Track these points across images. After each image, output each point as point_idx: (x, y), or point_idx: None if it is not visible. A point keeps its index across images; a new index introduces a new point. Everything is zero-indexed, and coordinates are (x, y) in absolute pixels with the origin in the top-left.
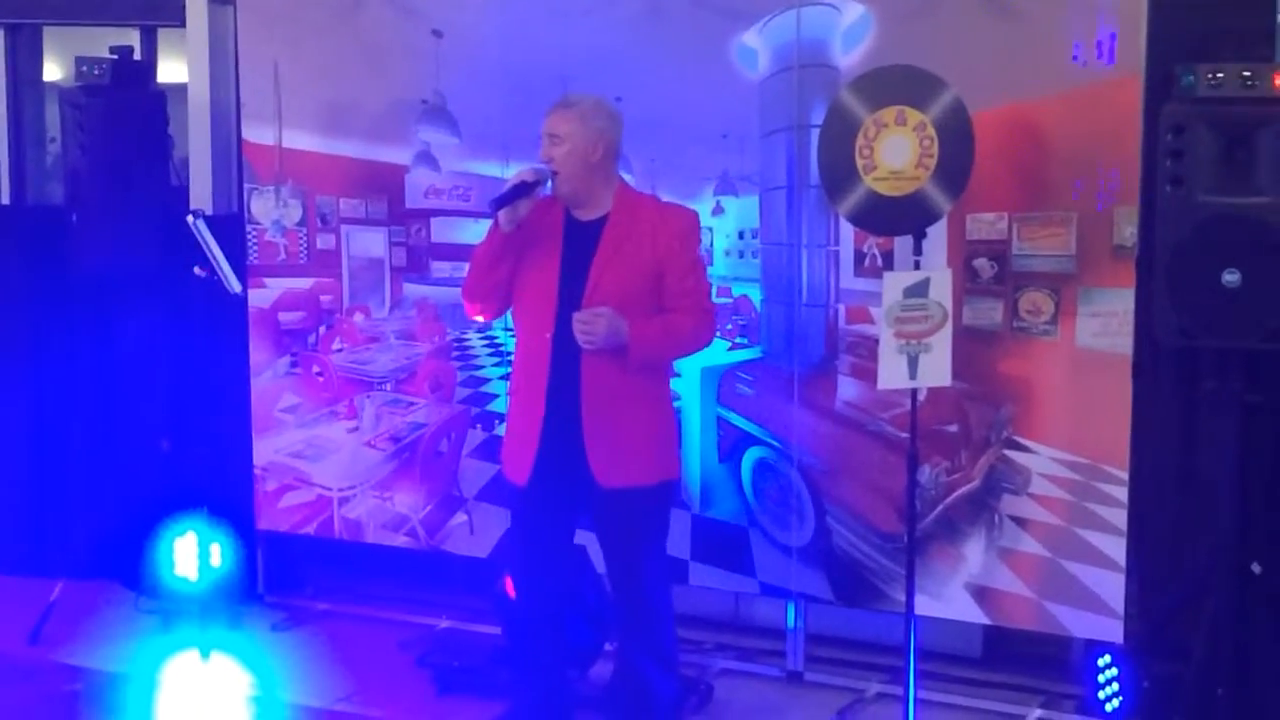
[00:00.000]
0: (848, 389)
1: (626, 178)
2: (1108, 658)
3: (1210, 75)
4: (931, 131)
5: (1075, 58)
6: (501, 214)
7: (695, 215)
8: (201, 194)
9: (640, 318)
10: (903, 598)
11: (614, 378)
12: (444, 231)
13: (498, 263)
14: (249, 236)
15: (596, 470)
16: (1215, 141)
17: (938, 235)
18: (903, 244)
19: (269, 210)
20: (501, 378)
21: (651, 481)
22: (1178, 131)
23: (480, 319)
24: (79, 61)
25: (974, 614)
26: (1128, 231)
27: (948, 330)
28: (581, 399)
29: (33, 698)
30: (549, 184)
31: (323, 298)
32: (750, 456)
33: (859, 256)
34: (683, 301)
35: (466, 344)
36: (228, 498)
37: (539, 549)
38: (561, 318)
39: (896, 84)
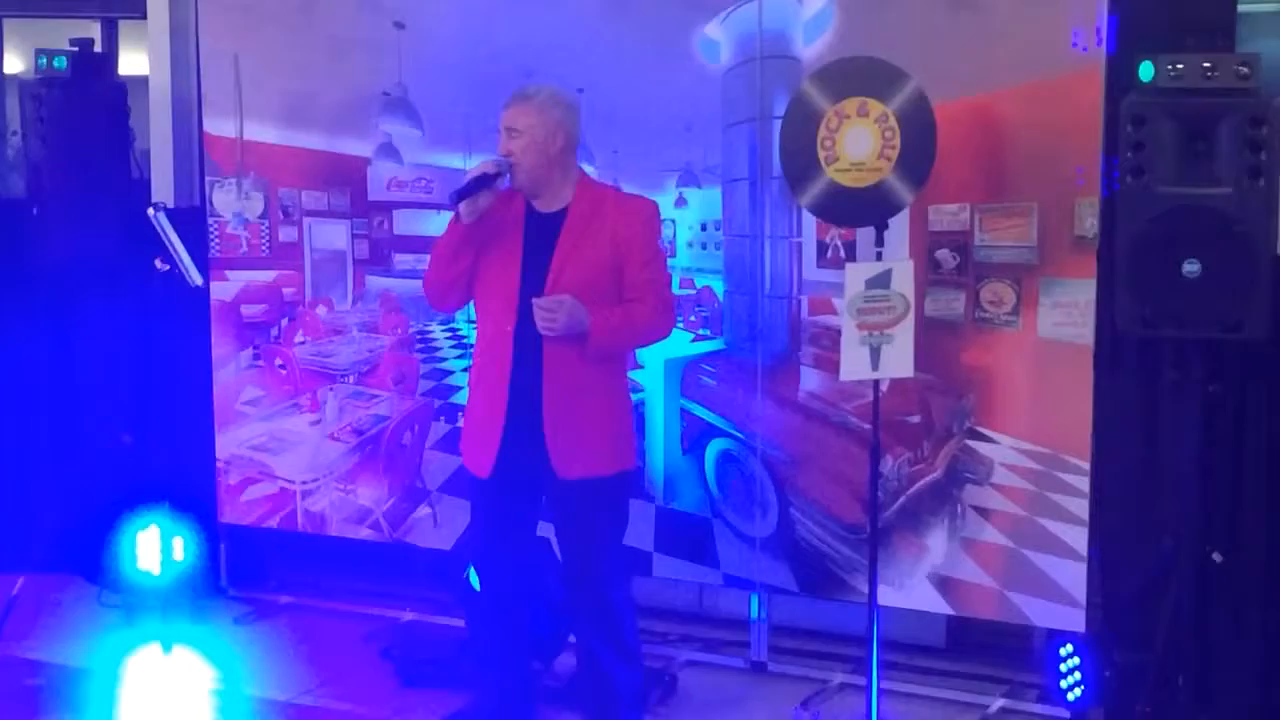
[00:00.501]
0: (810, 380)
1: (589, 169)
2: (1069, 647)
3: (1170, 66)
4: (894, 123)
5: (1075, 44)
6: (462, 206)
7: (655, 205)
8: (163, 186)
9: (601, 308)
10: (866, 588)
11: (575, 368)
12: (406, 224)
13: (458, 254)
14: (211, 229)
15: (556, 461)
16: (1176, 132)
17: (900, 226)
18: (865, 235)
19: (231, 203)
20: (464, 370)
21: (609, 472)
22: (1138, 123)
23: (442, 311)
24: (39, 53)
25: (937, 604)
26: (1089, 222)
27: (910, 321)
28: (543, 390)
29: None
30: (509, 176)
31: (285, 290)
32: (714, 448)
33: (821, 248)
34: (643, 292)
35: (429, 336)
36: (190, 491)
37: (501, 541)
38: (523, 310)
39: (858, 75)
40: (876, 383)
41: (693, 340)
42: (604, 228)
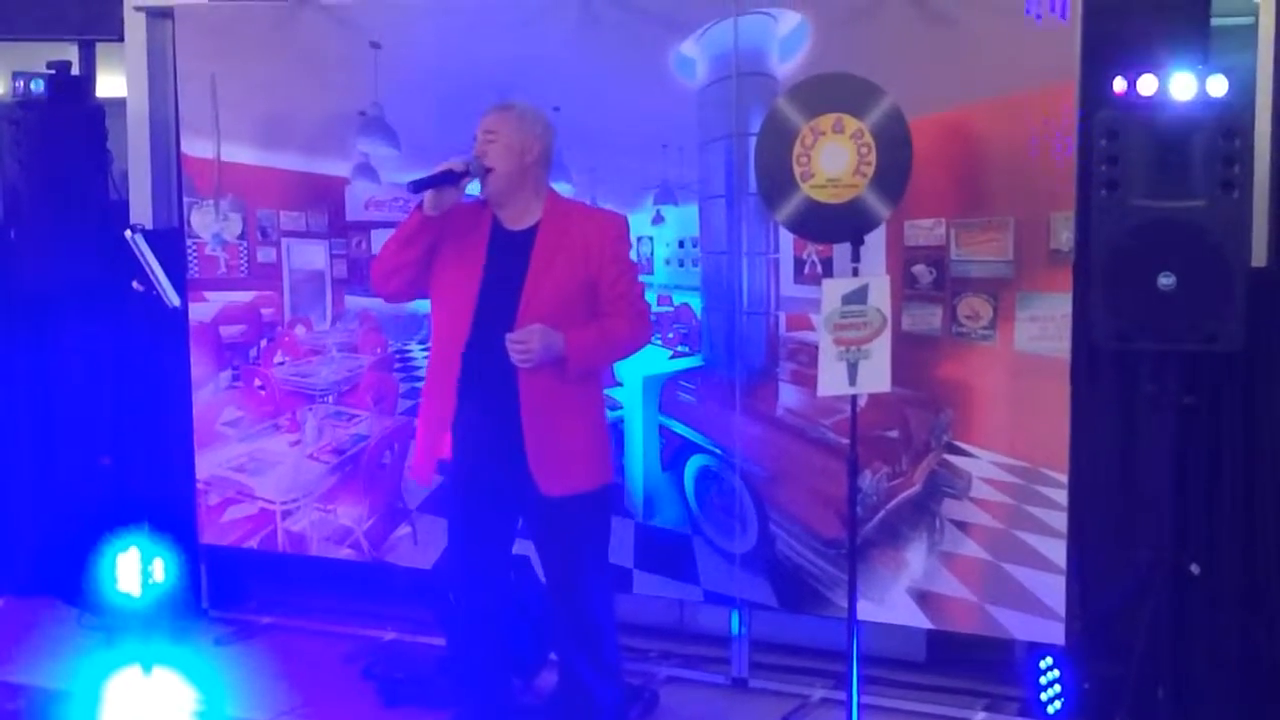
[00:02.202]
0: (789, 396)
1: (567, 188)
2: (1049, 660)
3: (1144, 80)
4: (869, 139)
5: (1029, 11)
6: (426, 197)
7: (624, 219)
8: (141, 208)
9: (576, 326)
10: (845, 603)
11: (552, 387)
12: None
13: (412, 241)
14: (189, 250)
15: (539, 479)
16: (1149, 146)
17: (876, 242)
18: (841, 251)
19: (209, 224)
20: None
21: (592, 487)
22: (1112, 136)
23: (383, 296)
24: (15, 76)
25: (917, 618)
26: (1064, 236)
27: (887, 336)
28: (520, 409)
29: None
30: (478, 181)
31: (264, 311)
32: (693, 464)
33: (799, 264)
34: (617, 305)
35: (409, 356)
36: (170, 512)
37: (478, 560)
38: (479, 324)
39: (834, 91)
40: (854, 398)
41: (671, 357)
42: (575, 244)
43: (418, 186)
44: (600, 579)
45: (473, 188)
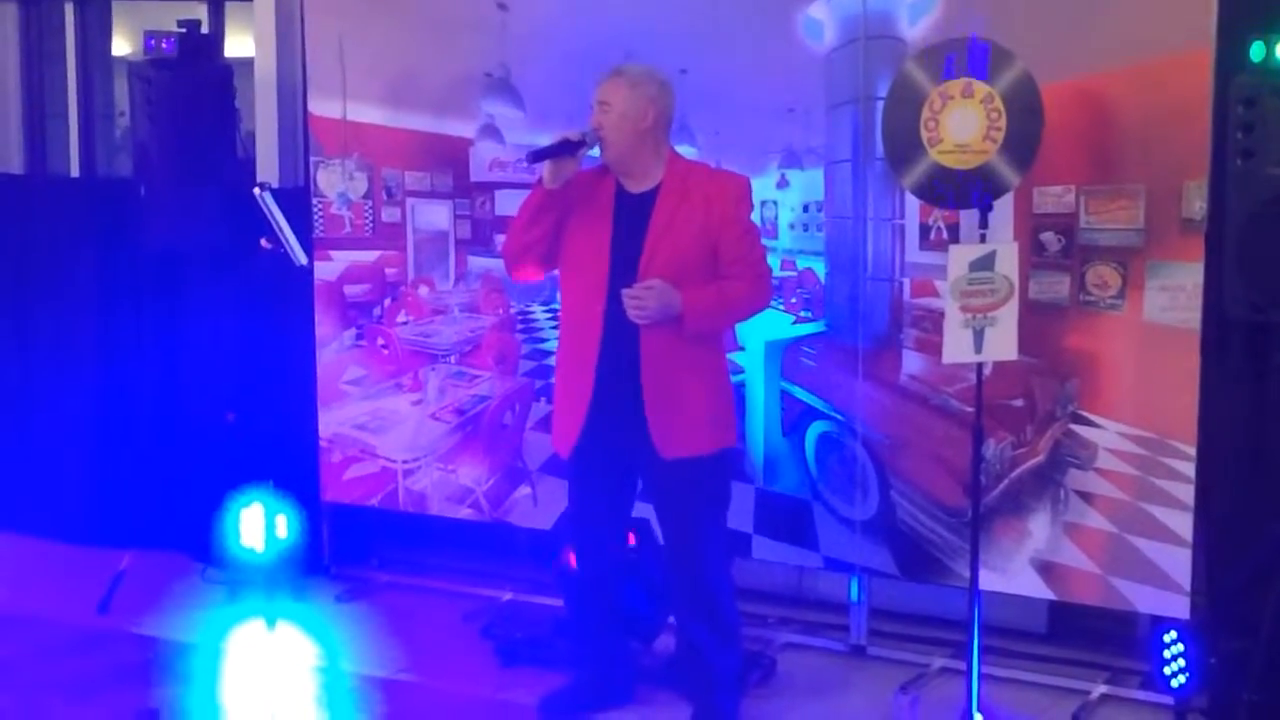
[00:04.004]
0: (912, 363)
1: (691, 151)
2: (1174, 634)
3: None
4: (999, 104)
5: None
6: (545, 169)
7: (745, 180)
8: (268, 167)
9: (695, 286)
10: (967, 573)
11: (672, 348)
12: (508, 204)
13: (537, 219)
14: (314, 209)
15: (658, 441)
16: None
17: (1004, 208)
18: (968, 217)
19: (335, 183)
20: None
21: (711, 450)
22: (1248, 104)
23: (517, 278)
24: (147, 36)
25: (1039, 589)
26: (1197, 205)
27: (1014, 304)
28: (641, 371)
29: (101, 667)
30: (596, 148)
31: (388, 270)
32: (814, 430)
33: (924, 230)
34: (737, 267)
35: (530, 316)
36: (293, 469)
37: (597, 522)
38: (613, 291)
39: (964, 56)
40: (979, 366)
41: (794, 322)
42: (696, 206)
43: (536, 157)
44: (718, 544)
45: (596, 153)
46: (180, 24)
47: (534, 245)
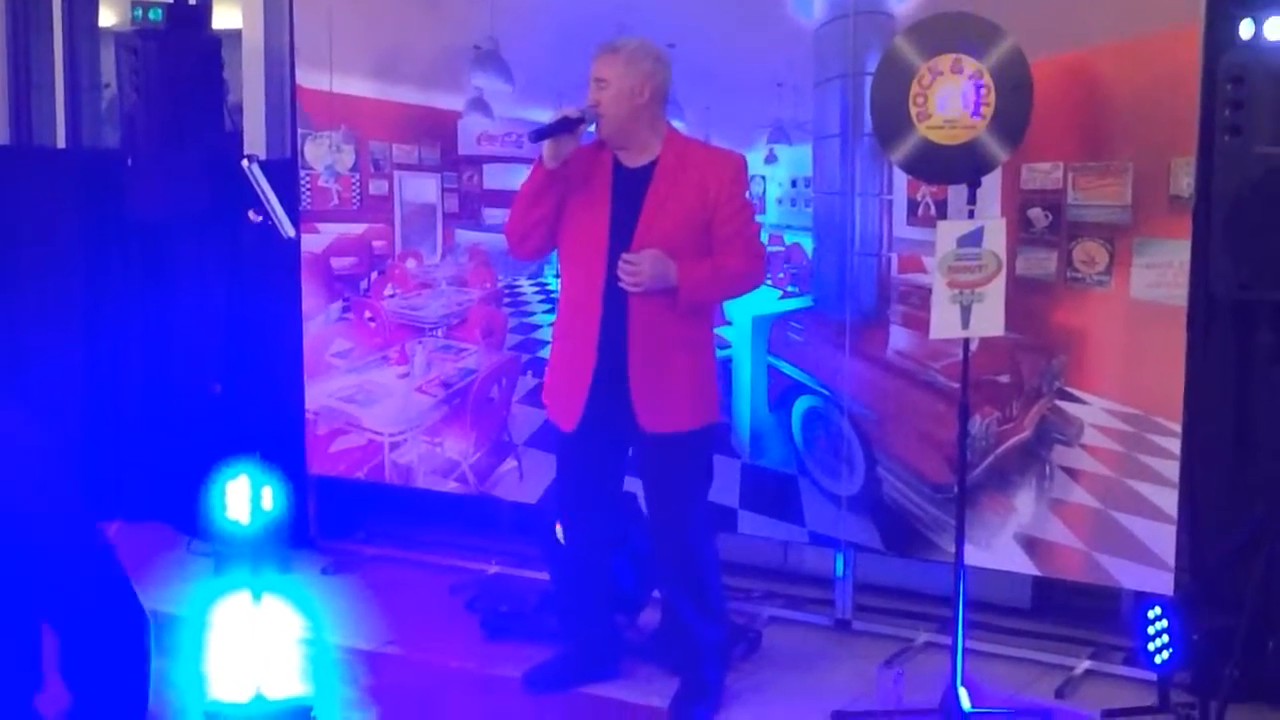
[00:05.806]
0: (899, 338)
1: (679, 125)
2: (1158, 610)
3: (1270, 23)
4: (988, 80)
5: None
6: (545, 148)
7: (742, 158)
8: (255, 139)
9: (689, 260)
10: (952, 548)
11: (662, 322)
12: (496, 178)
13: (539, 198)
14: (302, 182)
15: (641, 415)
16: (1275, 91)
17: (992, 184)
18: (957, 193)
19: (322, 155)
20: (552, 325)
21: (695, 425)
22: (1237, 81)
23: (521, 257)
24: (134, 6)
25: (1023, 565)
26: (1184, 182)
27: (1001, 280)
28: (629, 344)
29: None
30: (594, 125)
31: (375, 243)
32: (800, 405)
33: (912, 205)
34: (732, 244)
35: (518, 290)
36: (279, 442)
37: (585, 495)
38: (612, 265)
39: (953, 31)
40: (966, 342)
41: (781, 297)
42: (691, 181)
43: (537, 135)
44: (702, 518)
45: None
46: None
47: (538, 225)
